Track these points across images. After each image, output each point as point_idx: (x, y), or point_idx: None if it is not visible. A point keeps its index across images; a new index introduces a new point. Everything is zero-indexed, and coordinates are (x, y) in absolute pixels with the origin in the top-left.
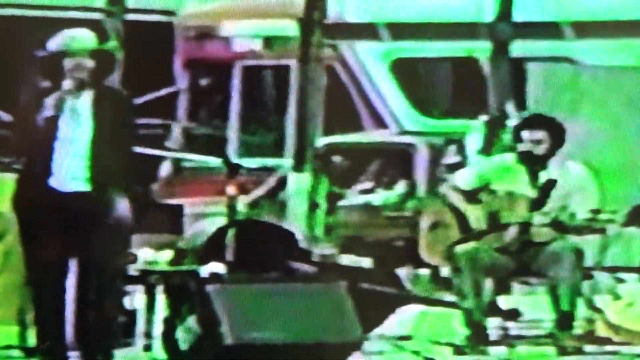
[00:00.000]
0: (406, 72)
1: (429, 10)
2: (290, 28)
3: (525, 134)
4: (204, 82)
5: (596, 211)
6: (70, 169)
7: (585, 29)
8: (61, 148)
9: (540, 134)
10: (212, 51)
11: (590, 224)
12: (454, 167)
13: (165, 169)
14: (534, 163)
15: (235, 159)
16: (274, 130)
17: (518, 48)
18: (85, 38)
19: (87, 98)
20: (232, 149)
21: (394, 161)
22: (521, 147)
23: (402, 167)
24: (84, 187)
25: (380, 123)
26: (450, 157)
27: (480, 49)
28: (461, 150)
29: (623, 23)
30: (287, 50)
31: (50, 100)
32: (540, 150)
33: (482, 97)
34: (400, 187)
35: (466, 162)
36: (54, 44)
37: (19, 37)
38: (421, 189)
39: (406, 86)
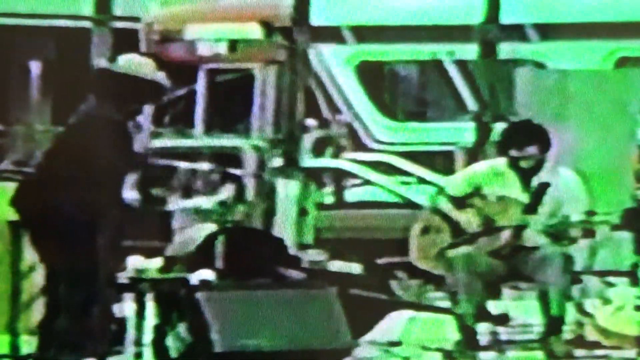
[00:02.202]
0: (371, 74)
1: (394, 12)
2: (254, 31)
3: (512, 152)
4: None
5: (591, 213)
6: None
7: (549, 31)
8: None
9: (529, 150)
10: (177, 54)
11: (584, 225)
12: (280, 171)
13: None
14: (525, 172)
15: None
16: (239, 133)
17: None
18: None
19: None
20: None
21: (222, 164)
22: (512, 153)
23: (230, 171)
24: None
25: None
26: (276, 161)
27: (445, 52)
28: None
29: (586, 25)
30: (252, 53)
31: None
32: (530, 163)
33: (446, 99)
34: (228, 190)
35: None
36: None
37: (7, 46)
38: (249, 193)
39: (371, 89)
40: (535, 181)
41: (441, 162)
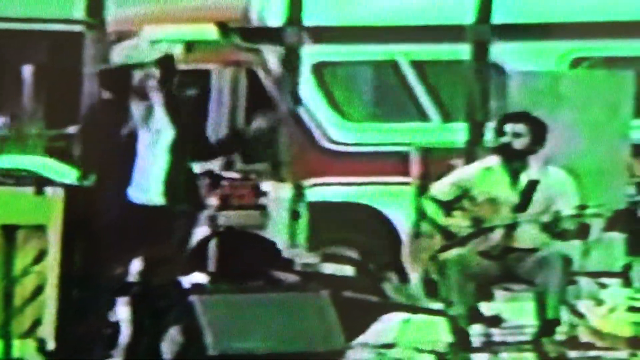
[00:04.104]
0: (328, 75)
1: (351, 13)
2: (210, 32)
3: (507, 127)
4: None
5: (582, 207)
6: (148, 182)
7: (505, 32)
8: (141, 161)
9: (520, 127)
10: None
11: (577, 220)
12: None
13: None
14: (512, 157)
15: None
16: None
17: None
18: (148, 48)
19: (159, 108)
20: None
21: None
22: (501, 140)
23: None
24: (160, 200)
25: (302, 126)
26: None
27: (402, 53)
28: None
29: (542, 26)
30: (208, 54)
31: (135, 113)
32: (520, 144)
33: (403, 100)
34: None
35: None
36: (118, 56)
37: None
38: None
39: (327, 90)
40: (524, 179)
41: (396, 162)
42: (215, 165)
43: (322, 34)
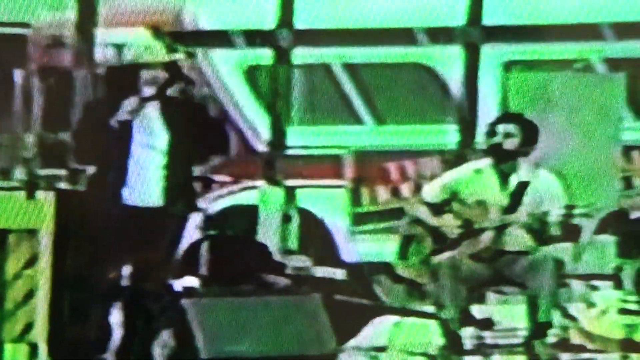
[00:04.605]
0: (261, 78)
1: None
2: (143, 36)
3: (498, 128)
4: (56, 90)
5: (570, 207)
6: (145, 182)
7: (437, 35)
8: (135, 159)
9: (511, 127)
10: (65, 60)
11: (565, 220)
12: None
13: None
14: (503, 157)
15: None
16: None
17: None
18: (159, 50)
19: (155, 109)
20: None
21: None
22: (492, 140)
23: None
24: (158, 201)
25: (237, 130)
26: None
27: (335, 56)
28: None
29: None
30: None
31: (126, 106)
32: (510, 144)
33: (336, 103)
34: None
35: None
36: (130, 55)
37: None
38: None
39: (260, 92)
40: (514, 181)
41: (330, 165)
42: (207, 167)
43: (255, 38)
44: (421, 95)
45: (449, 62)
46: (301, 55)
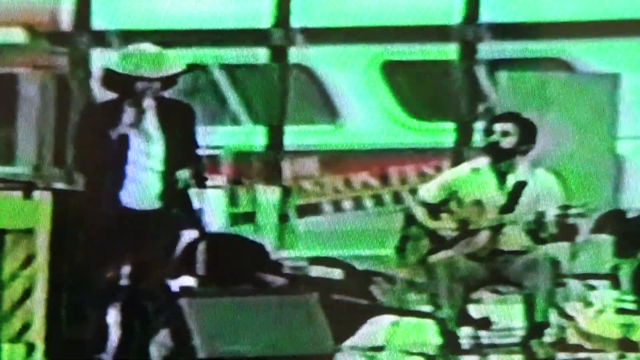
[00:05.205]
0: None
1: (171, 17)
2: (19, 36)
3: (496, 126)
4: None
5: (566, 207)
6: (143, 186)
7: (314, 36)
8: (133, 165)
9: (508, 126)
10: None
11: (561, 220)
12: None
13: None
14: (500, 156)
15: None
16: (3, 139)
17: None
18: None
19: (152, 114)
20: None
21: None
22: (490, 139)
23: None
24: (155, 204)
25: None
26: None
27: (212, 56)
28: None
29: (351, 29)
30: (17, 59)
31: (126, 118)
32: (507, 143)
33: (213, 103)
34: None
35: None
36: (130, 65)
37: None
38: None
39: None
40: (511, 180)
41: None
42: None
43: (131, 38)
44: (300, 95)
45: (328, 63)
46: (183, 55)
